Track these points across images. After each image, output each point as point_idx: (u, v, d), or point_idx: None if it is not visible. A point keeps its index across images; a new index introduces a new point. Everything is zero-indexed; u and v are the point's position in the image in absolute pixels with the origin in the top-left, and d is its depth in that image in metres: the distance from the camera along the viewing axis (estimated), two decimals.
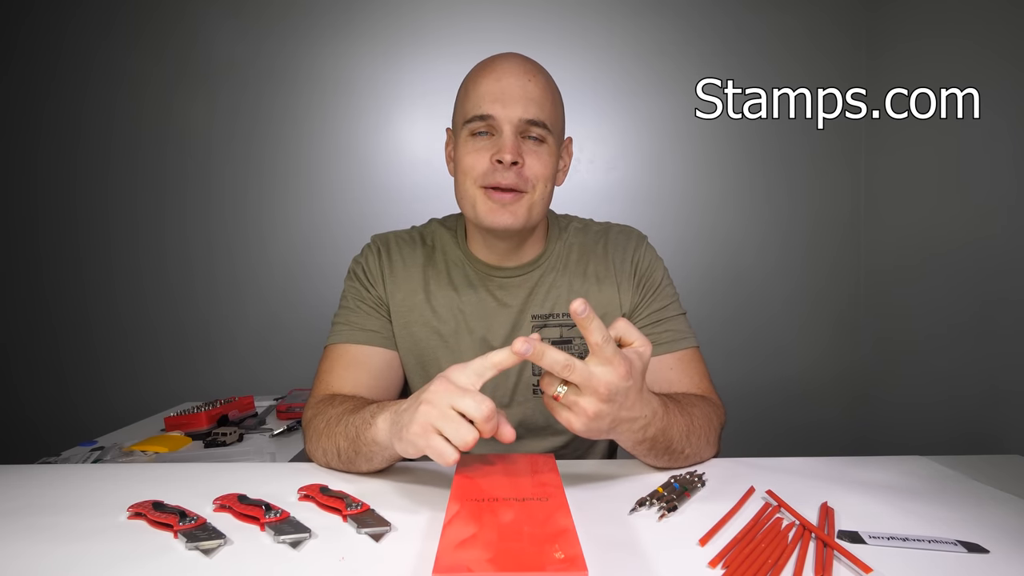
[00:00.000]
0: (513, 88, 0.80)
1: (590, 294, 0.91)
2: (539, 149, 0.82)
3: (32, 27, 1.94)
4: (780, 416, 1.93)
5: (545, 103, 0.82)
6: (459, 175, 0.85)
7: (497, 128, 0.81)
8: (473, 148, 0.82)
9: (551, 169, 0.84)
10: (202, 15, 1.92)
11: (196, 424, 1.18)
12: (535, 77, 0.83)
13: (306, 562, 0.52)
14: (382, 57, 1.93)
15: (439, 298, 0.91)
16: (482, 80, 0.82)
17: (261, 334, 1.98)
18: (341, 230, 1.94)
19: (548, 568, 0.44)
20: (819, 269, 1.92)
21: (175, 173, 1.96)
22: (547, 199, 0.86)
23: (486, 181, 0.81)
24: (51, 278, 2.00)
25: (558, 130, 0.86)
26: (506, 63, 0.83)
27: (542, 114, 0.81)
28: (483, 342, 0.90)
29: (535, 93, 0.81)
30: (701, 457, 0.76)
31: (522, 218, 0.83)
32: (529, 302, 0.91)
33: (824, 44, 1.87)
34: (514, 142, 0.80)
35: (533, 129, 0.81)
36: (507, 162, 0.79)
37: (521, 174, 0.81)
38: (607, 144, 1.93)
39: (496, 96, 0.80)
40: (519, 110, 0.80)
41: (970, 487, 0.69)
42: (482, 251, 0.91)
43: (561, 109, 0.88)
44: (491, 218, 0.82)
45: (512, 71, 0.82)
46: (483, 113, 0.81)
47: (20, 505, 0.66)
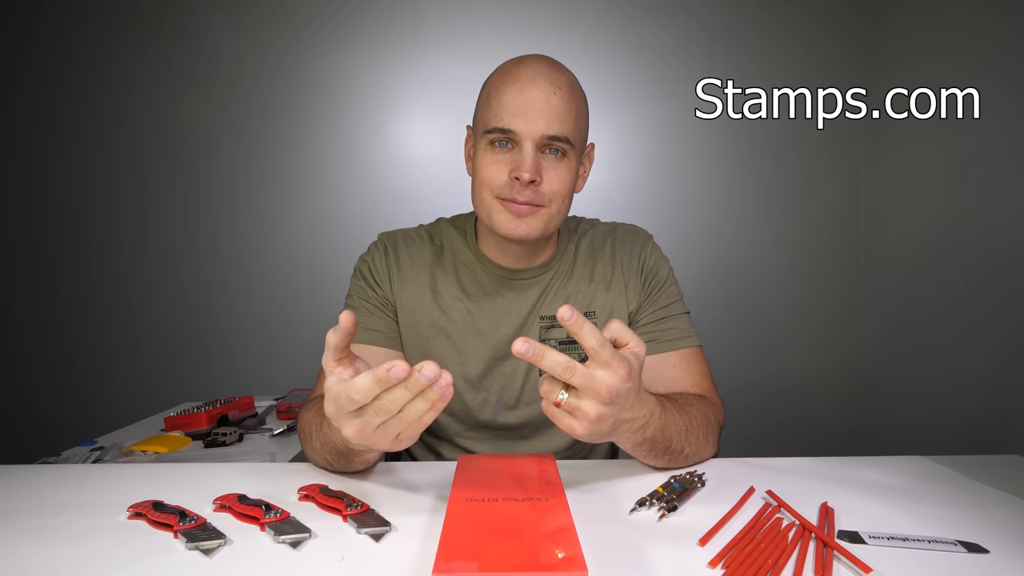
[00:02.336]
0: (536, 102, 0.78)
1: (597, 295, 0.91)
2: (558, 164, 0.81)
3: (39, 32, 1.94)
4: (780, 416, 1.93)
5: (568, 117, 0.80)
6: (476, 182, 0.84)
7: (517, 142, 0.79)
8: (492, 159, 0.81)
9: (569, 184, 0.82)
10: (206, 17, 1.93)
11: (196, 424, 1.18)
12: (560, 89, 0.80)
13: (306, 562, 0.52)
14: (384, 56, 1.93)
15: (447, 299, 0.91)
16: (506, 90, 0.80)
17: (261, 334, 1.98)
18: (341, 230, 1.94)
19: (548, 568, 0.44)
20: (819, 269, 1.92)
21: (175, 173, 1.96)
22: (564, 212, 0.85)
23: (503, 194, 0.81)
24: (53, 280, 2.00)
25: (580, 140, 0.84)
26: (531, 72, 0.80)
27: (564, 129, 0.79)
28: (491, 343, 0.90)
29: (559, 106, 0.79)
30: (701, 456, 0.75)
31: (538, 231, 0.82)
32: (539, 304, 0.91)
33: (824, 44, 1.87)
34: (533, 159, 0.79)
35: (554, 144, 0.80)
36: (525, 180, 0.78)
37: (538, 191, 0.80)
38: (607, 144, 1.93)
39: (518, 110, 0.78)
40: (541, 126, 0.78)
41: (970, 487, 0.69)
42: (494, 253, 0.91)
43: (585, 117, 0.85)
44: (507, 229, 0.81)
45: (536, 82, 0.79)
46: (504, 127, 0.79)
47: (20, 505, 0.66)
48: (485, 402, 0.90)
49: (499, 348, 0.89)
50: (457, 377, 0.89)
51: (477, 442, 0.93)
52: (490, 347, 0.89)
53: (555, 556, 0.46)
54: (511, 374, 0.90)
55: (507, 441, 0.92)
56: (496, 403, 0.90)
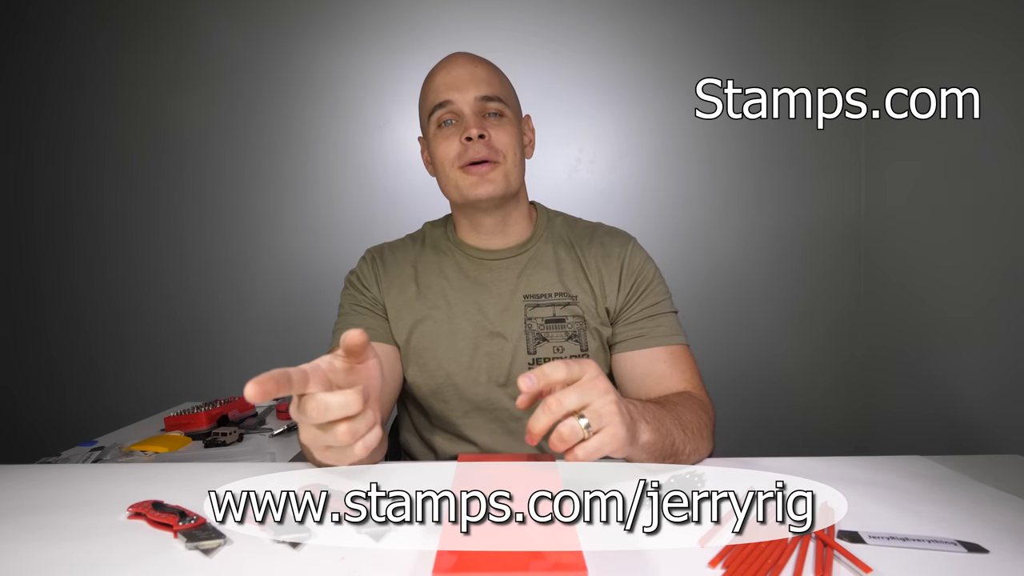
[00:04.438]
0: (463, 74, 0.89)
1: (578, 279, 0.94)
2: (500, 122, 0.90)
3: (27, 26, 1.94)
4: (780, 416, 1.93)
5: (494, 81, 0.91)
6: (437, 165, 0.92)
7: (458, 112, 0.89)
8: (443, 137, 0.90)
9: (516, 138, 0.91)
10: (198, 13, 1.92)
11: (196, 424, 1.18)
12: (481, 63, 0.92)
13: (306, 562, 0.52)
14: (380, 56, 1.93)
15: (431, 287, 0.95)
16: (435, 76, 0.92)
17: (261, 334, 1.98)
18: (341, 229, 1.95)
19: (548, 568, 0.44)
20: (818, 268, 1.92)
21: (176, 172, 1.97)
22: (520, 167, 0.93)
23: (461, 161, 0.88)
24: (51, 277, 2.00)
25: (514, 105, 0.94)
26: (453, 57, 0.93)
27: (494, 90, 0.90)
28: (476, 322, 0.92)
29: (484, 74, 0.90)
30: (700, 455, 0.76)
31: (501, 184, 0.89)
32: (520, 283, 0.94)
33: (824, 44, 1.87)
34: (476, 119, 0.88)
35: (490, 105, 0.89)
36: (475, 136, 0.86)
37: (490, 145, 0.88)
38: (607, 144, 1.93)
39: (450, 84, 0.89)
40: (473, 90, 0.88)
41: (970, 487, 0.69)
42: (471, 236, 0.97)
43: (512, 89, 0.96)
44: (474, 191, 0.89)
45: (459, 62, 0.91)
46: (442, 100, 0.89)
47: (20, 505, 0.66)
48: (476, 381, 0.92)
49: (484, 327, 0.92)
50: (448, 359, 0.92)
51: (474, 428, 0.93)
52: (476, 326, 0.92)
53: (555, 556, 0.46)
54: (499, 353, 0.92)
55: (505, 422, 0.93)
56: (487, 382, 0.92)
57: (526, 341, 0.91)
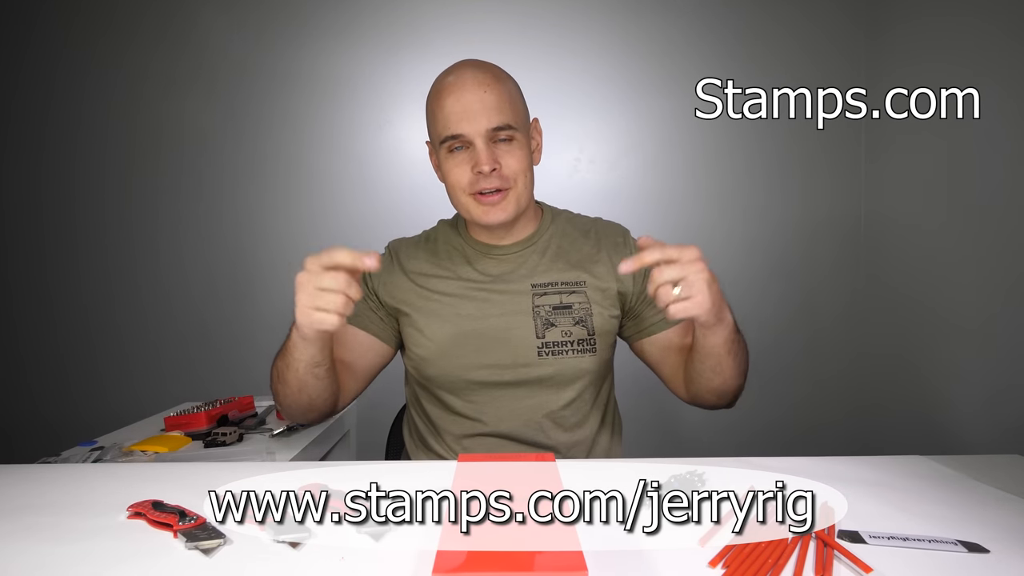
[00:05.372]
0: (472, 104, 0.88)
1: (584, 268, 0.97)
2: (511, 148, 0.91)
3: (28, 28, 1.94)
4: (779, 416, 1.93)
5: (504, 106, 0.89)
6: (448, 187, 0.94)
7: (469, 142, 0.89)
8: (455, 163, 0.91)
9: (526, 160, 0.92)
10: (198, 13, 1.92)
11: (196, 424, 1.18)
12: (489, 86, 0.89)
13: (306, 562, 0.52)
14: (380, 56, 1.93)
15: (440, 278, 0.97)
16: (444, 102, 0.90)
17: (261, 334, 1.97)
18: (341, 229, 1.94)
19: (549, 568, 0.44)
20: (818, 268, 1.92)
21: (176, 173, 1.96)
22: (530, 186, 0.94)
23: (472, 189, 0.90)
24: (50, 278, 2.00)
25: (522, 121, 0.94)
26: (459, 79, 0.90)
27: (503, 118, 0.89)
28: (485, 313, 0.94)
29: (492, 101, 0.89)
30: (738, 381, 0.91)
31: (512, 211, 0.92)
32: (528, 273, 0.97)
33: (824, 44, 1.87)
34: (487, 152, 0.88)
35: (501, 133, 0.89)
36: (486, 172, 0.88)
37: (501, 175, 0.89)
38: (607, 144, 1.93)
39: (460, 115, 0.88)
40: (483, 122, 0.88)
41: (970, 487, 0.69)
42: (481, 234, 1.00)
43: (520, 99, 0.95)
44: (486, 218, 0.91)
45: (468, 86, 0.89)
46: (453, 133, 0.89)
47: (20, 505, 0.66)
48: (484, 366, 0.93)
49: (493, 315, 0.94)
50: (457, 347, 0.94)
51: (482, 411, 0.94)
52: (485, 315, 0.94)
53: (555, 556, 0.46)
54: (507, 339, 0.94)
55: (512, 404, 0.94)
56: (495, 366, 0.93)
57: (535, 327, 0.93)
